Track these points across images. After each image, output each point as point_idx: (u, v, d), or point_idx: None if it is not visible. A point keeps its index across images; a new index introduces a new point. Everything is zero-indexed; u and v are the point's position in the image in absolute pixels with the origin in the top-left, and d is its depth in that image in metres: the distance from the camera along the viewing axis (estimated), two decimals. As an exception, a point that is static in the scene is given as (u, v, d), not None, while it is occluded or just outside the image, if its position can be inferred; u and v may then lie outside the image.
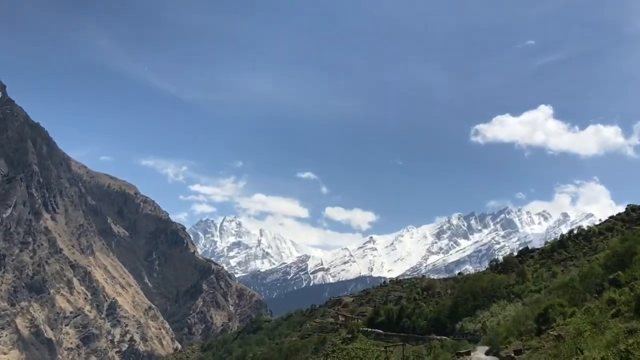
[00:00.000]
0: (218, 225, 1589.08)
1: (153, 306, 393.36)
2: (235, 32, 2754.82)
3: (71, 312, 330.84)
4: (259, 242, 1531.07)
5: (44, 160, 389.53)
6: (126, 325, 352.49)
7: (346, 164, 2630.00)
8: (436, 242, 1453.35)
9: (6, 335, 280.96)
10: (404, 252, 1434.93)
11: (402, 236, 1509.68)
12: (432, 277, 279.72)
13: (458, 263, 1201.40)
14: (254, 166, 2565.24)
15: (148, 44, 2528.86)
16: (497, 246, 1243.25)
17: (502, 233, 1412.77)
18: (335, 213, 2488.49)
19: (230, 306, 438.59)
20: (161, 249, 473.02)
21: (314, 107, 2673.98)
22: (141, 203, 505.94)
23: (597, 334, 41.63)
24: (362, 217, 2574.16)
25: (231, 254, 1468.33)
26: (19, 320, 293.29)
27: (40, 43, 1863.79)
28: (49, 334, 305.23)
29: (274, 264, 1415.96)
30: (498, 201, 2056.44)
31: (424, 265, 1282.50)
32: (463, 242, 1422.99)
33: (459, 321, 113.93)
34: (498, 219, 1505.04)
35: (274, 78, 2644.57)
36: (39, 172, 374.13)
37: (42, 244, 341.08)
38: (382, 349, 61.22)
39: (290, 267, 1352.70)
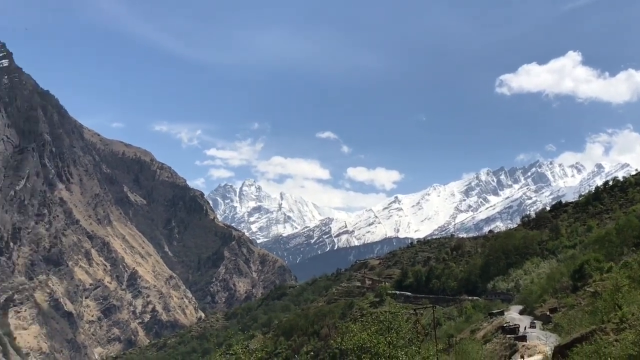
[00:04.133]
0: (237, 190, 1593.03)
1: (174, 275, 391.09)
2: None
3: (91, 284, 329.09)
4: (280, 206, 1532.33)
5: (56, 129, 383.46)
6: (148, 296, 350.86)
7: (367, 121, 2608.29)
8: (464, 200, 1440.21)
9: (25, 310, 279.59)
10: (431, 211, 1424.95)
11: (429, 195, 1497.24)
12: (461, 236, 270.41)
13: (488, 220, 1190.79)
14: (270, 127, 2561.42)
15: (157, 3, 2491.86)
16: (529, 201, 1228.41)
17: (533, 187, 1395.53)
18: (358, 173, 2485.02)
19: (253, 273, 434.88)
20: (180, 217, 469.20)
21: (331, 63, 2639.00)
22: (158, 170, 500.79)
23: (635, 288, 37.75)
24: (386, 176, 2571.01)
25: (252, 219, 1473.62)
26: (37, 295, 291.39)
27: (45, 6, 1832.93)
28: (69, 307, 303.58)
29: (296, 228, 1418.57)
30: (528, 154, 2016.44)
31: (452, 224, 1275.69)
32: (493, 199, 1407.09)
33: (490, 281, 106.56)
34: (529, 173, 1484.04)
35: (288, 35, 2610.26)
36: (51, 141, 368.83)
37: (57, 216, 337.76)
38: (412, 311, 58.33)
39: (313, 230, 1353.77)
